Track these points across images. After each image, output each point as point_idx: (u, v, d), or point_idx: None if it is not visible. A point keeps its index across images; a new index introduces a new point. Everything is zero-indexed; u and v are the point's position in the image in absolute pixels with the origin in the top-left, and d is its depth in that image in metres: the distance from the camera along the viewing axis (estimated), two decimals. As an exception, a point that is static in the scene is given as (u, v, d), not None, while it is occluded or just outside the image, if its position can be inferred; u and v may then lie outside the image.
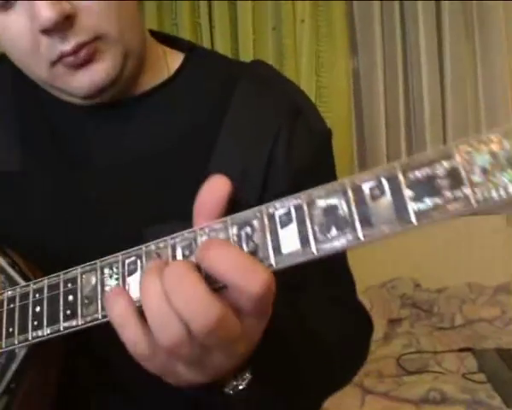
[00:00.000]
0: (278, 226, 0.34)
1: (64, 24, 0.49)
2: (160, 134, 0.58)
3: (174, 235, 0.37)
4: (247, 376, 0.40)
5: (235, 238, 0.35)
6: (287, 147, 0.57)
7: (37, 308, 0.43)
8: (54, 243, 0.56)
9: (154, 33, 0.63)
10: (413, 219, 0.30)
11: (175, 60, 0.62)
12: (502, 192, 0.29)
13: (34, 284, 0.44)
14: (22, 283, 0.45)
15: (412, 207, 0.31)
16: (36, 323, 0.42)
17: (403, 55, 2.15)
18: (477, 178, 0.29)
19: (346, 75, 2.12)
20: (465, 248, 1.95)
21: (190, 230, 0.37)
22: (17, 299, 0.44)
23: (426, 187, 0.31)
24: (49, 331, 0.41)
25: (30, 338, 0.42)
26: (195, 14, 2.13)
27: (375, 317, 2.00)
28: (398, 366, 1.50)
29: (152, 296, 0.34)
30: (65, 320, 0.41)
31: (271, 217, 0.35)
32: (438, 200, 0.30)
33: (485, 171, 0.29)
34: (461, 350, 1.55)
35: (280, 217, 0.35)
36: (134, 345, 0.36)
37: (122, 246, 0.39)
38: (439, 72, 2.11)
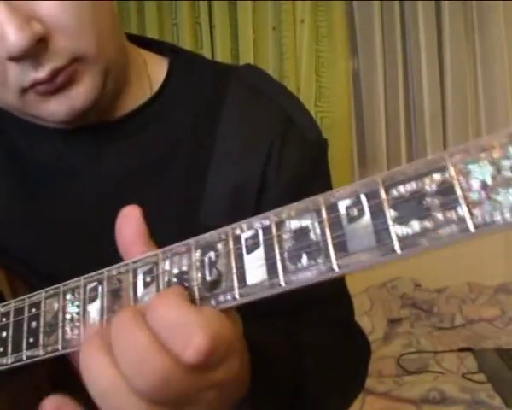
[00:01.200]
0: (244, 251, 0.30)
1: (36, 49, 0.41)
2: (146, 154, 0.55)
3: (135, 258, 0.34)
4: None
5: (198, 264, 0.32)
6: (278, 162, 0.55)
7: (4, 334, 0.40)
8: (40, 266, 0.53)
9: (130, 37, 0.58)
10: (396, 246, 0.25)
11: (157, 68, 0.57)
12: (507, 214, 0.23)
13: (2, 307, 0.41)
14: None
15: (396, 231, 0.25)
16: (1, 350, 0.40)
17: (403, 55, 2.15)
18: (475, 195, 0.24)
19: (346, 75, 2.12)
20: (465, 248, 1.95)
21: (152, 253, 0.34)
22: None
23: (412, 207, 0.25)
24: (12, 360, 0.39)
25: None
26: (195, 14, 2.13)
27: (374, 317, 2.01)
28: (398, 365, 1.50)
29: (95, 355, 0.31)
30: (28, 349, 0.38)
31: (237, 240, 0.31)
32: (427, 223, 0.24)
33: (485, 186, 0.24)
34: (461, 350, 1.55)
35: (246, 240, 0.30)
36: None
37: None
38: (438, 72, 2.11)
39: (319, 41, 2.11)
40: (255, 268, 0.30)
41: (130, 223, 0.35)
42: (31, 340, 0.38)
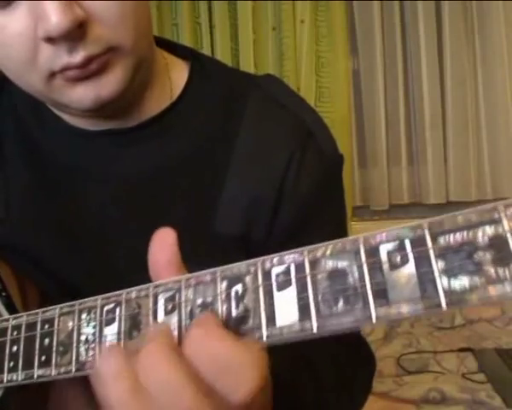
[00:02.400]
0: (274, 288, 0.28)
1: (75, 33, 0.41)
2: (162, 159, 0.55)
3: (157, 283, 0.33)
4: None
5: (224, 296, 0.30)
6: (297, 176, 0.55)
7: (14, 348, 0.38)
8: (50, 265, 0.53)
9: (155, 38, 0.57)
10: (442, 301, 0.23)
11: (179, 72, 0.58)
12: None
13: (14, 319, 0.39)
14: (5, 315, 0.41)
15: (443, 284, 0.23)
16: (12, 364, 0.38)
17: (403, 55, 2.15)
18: None
19: (346, 75, 2.11)
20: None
21: (175, 279, 0.32)
22: None
23: (461, 259, 0.23)
24: (23, 377, 0.37)
25: (5, 381, 0.37)
26: (195, 14, 2.13)
27: (375, 317, 1.97)
28: (398, 365, 1.50)
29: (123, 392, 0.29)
30: (39, 367, 0.36)
31: (267, 274, 0.29)
32: (477, 279, 0.23)
33: None
34: (461, 350, 1.54)
35: (277, 276, 0.28)
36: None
37: (127, 274, 0.36)
38: (439, 72, 2.10)
39: (319, 41, 2.11)
40: (286, 307, 0.28)
41: (164, 247, 0.34)
42: (43, 358, 0.36)
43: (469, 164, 2.10)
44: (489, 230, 0.23)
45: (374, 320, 0.25)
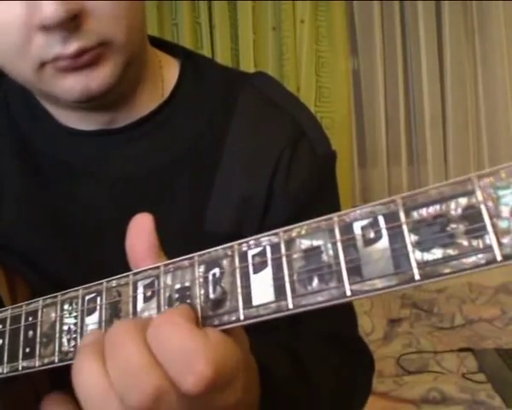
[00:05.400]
0: (251, 270, 0.29)
1: (69, 24, 0.42)
2: (154, 159, 0.55)
3: (137, 270, 0.33)
4: None
5: (201, 280, 0.30)
6: (287, 173, 0.55)
7: (0, 341, 0.39)
8: (46, 266, 0.53)
9: (148, 37, 0.58)
10: (416, 273, 0.23)
11: (170, 70, 0.58)
12: None
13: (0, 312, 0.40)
14: None
15: (416, 257, 0.24)
16: None
17: (403, 55, 2.15)
18: (504, 223, 0.22)
19: (346, 75, 2.11)
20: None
21: (154, 265, 0.33)
22: None
23: (434, 232, 0.23)
24: (8, 369, 0.38)
25: None
26: (195, 14, 2.13)
27: (375, 317, 2.00)
28: (398, 365, 1.50)
29: (88, 371, 0.30)
30: (24, 359, 0.37)
31: (244, 257, 0.29)
32: (450, 251, 0.23)
33: None
34: (461, 350, 1.54)
35: (253, 258, 0.29)
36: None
37: (117, 270, 0.36)
38: (439, 72, 2.11)
39: (319, 41, 2.11)
40: (262, 289, 0.28)
41: (141, 236, 0.34)
42: (27, 350, 0.37)
43: (469, 164, 2.10)
44: (462, 201, 0.23)
45: (349, 296, 0.25)
